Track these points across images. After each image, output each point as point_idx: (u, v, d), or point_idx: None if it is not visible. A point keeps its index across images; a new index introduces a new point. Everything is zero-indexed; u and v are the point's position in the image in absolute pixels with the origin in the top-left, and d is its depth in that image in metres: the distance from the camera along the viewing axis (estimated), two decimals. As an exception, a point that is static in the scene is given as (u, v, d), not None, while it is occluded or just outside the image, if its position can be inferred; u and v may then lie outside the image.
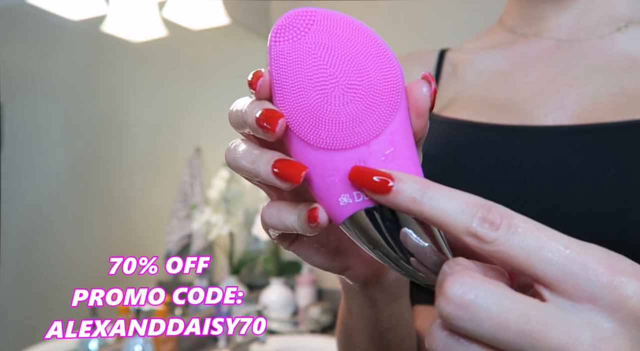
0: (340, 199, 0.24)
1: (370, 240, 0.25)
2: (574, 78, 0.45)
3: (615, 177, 0.37)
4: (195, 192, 1.68)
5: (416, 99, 0.24)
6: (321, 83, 0.24)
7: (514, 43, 0.51)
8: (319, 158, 0.24)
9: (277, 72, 0.24)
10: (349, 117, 0.24)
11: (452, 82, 0.51)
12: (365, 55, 0.24)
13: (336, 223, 0.25)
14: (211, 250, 1.74)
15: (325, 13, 0.25)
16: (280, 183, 0.24)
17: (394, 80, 0.24)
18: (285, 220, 0.26)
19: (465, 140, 0.44)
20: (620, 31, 0.46)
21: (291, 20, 0.24)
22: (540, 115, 0.43)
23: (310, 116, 0.24)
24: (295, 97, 0.24)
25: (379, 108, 0.24)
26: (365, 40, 0.24)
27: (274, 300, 1.70)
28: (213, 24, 1.71)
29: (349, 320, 0.41)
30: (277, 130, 0.24)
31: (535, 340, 0.17)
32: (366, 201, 0.24)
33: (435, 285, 0.21)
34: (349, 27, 0.24)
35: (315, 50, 0.24)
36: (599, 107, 0.42)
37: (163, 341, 1.29)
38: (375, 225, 0.24)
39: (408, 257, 0.25)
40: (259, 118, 0.24)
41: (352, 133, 0.24)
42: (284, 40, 0.24)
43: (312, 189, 0.25)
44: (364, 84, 0.24)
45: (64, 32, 1.30)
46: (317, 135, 0.24)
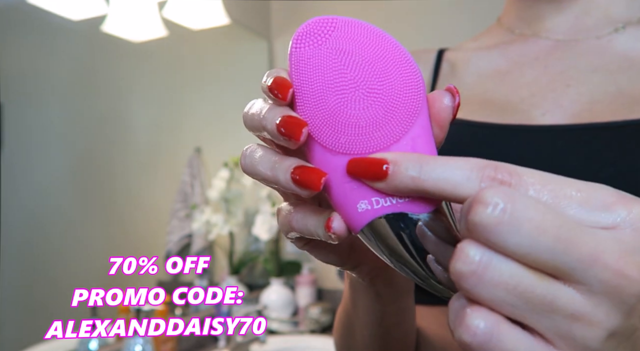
0: (358, 205, 0.24)
1: (389, 249, 0.24)
2: (571, 78, 0.45)
3: (613, 176, 0.37)
4: (195, 192, 1.68)
5: (438, 110, 0.24)
6: (341, 88, 0.24)
7: (512, 43, 0.51)
8: (338, 163, 0.24)
9: (297, 78, 0.24)
10: (369, 121, 0.24)
11: (450, 82, 0.51)
12: (386, 60, 0.24)
13: (354, 231, 0.25)
14: (211, 250, 1.74)
15: (345, 20, 0.25)
16: (300, 191, 0.24)
17: (414, 85, 0.24)
18: (311, 227, 0.25)
19: (462, 140, 0.44)
20: (618, 32, 0.46)
21: (312, 27, 0.24)
22: (538, 115, 0.44)
23: (330, 121, 0.24)
24: (315, 102, 0.24)
25: (399, 113, 0.24)
26: (385, 46, 0.24)
27: (274, 300, 1.71)
28: (213, 24, 1.71)
29: (353, 315, 0.42)
30: (301, 139, 0.23)
31: (570, 245, 0.17)
32: (385, 207, 0.24)
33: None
34: (370, 33, 0.24)
35: (336, 55, 0.24)
36: (597, 106, 0.42)
37: (163, 341, 1.29)
38: (395, 233, 0.24)
39: (424, 265, 0.24)
40: (279, 126, 0.23)
41: (372, 138, 0.24)
42: (305, 46, 0.24)
43: (330, 196, 0.25)
44: (384, 88, 0.24)
45: (64, 32, 1.30)
46: (337, 140, 0.24)
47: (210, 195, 1.67)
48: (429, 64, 0.54)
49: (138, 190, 1.51)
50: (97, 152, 1.39)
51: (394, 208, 0.24)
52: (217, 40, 1.83)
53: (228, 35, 1.86)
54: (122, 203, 1.45)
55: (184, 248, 1.66)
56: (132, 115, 1.52)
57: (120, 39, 1.44)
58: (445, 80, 0.52)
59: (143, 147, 1.55)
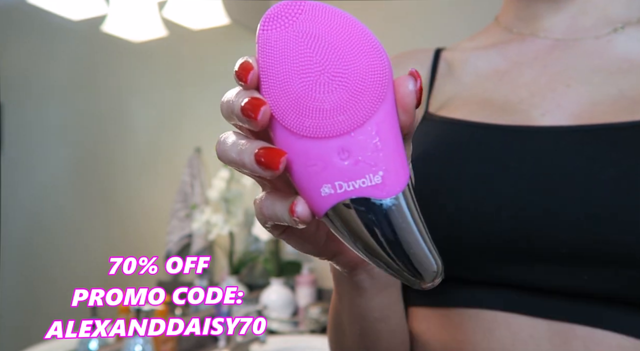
0: (322, 189, 0.24)
1: (354, 234, 0.25)
2: (571, 78, 0.45)
3: (615, 177, 0.36)
4: (195, 192, 1.68)
5: (402, 95, 0.24)
6: (306, 71, 0.24)
7: (510, 42, 0.51)
8: (302, 146, 0.24)
9: (263, 60, 0.24)
10: (333, 105, 0.24)
11: (448, 82, 0.51)
12: (352, 45, 0.24)
13: (318, 215, 0.25)
14: (211, 250, 1.74)
15: (314, 4, 0.25)
16: (263, 172, 0.24)
17: (380, 71, 0.24)
18: (278, 212, 0.25)
19: (463, 140, 0.43)
20: (617, 32, 0.46)
21: (280, 10, 0.24)
22: (537, 115, 0.43)
23: (295, 104, 0.24)
24: (280, 84, 0.24)
25: (363, 97, 0.24)
26: (353, 31, 0.24)
27: (274, 300, 1.71)
28: (213, 24, 1.71)
29: (341, 310, 0.42)
30: (259, 118, 0.24)
31: None
32: (348, 192, 0.24)
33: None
34: (337, 18, 0.24)
35: (302, 38, 0.24)
36: (597, 108, 0.41)
37: (163, 341, 1.29)
38: (358, 218, 0.24)
39: (390, 252, 0.24)
40: (243, 107, 0.24)
41: (336, 122, 0.24)
42: (272, 29, 0.24)
43: (294, 180, 0.25)
44: (349, 73, 0.24)
45: (64, 32, 1.30)
46: (301, 123, 0.24)
47: (210, 195, 1.67)
48: (427, 63, 0.53)
49: (138, 190, 1.51)
50: (97, 152, 1.39)
51: (357, 193, 0.24)
52: (217, 40, 1.83)
53: (228, 35, 1.86)
54: (122, 203, 1.45)
55: (184, 248, 1.66)
56: (132, 115, 1.52)
57: (120, 39, 1.44)
58: (443, 80, 0.51)
59: (143, 147, 1.55)
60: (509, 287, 0.40)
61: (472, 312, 0.41)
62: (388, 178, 0.24)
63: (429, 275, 0.25)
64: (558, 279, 0.38)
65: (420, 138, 0.45)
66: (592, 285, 0.37)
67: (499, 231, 0.39)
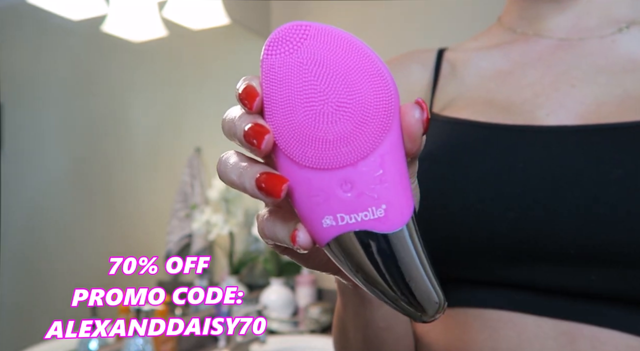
0: (323, 221, 0.24)
1: (353, 266, 0.24)
2: (575, 78, 0.45)
3: (622, 177, 0.36)
4: (195, 192, 1.68)
5: (408, 124, 0.23)
6: (310, 100, 0.23)
7: (513, 42, 0.51)
8: (305, 177, 0.24)
9: (267, 87, 0.24)
10: (337, 136, 0.23)
11: (451, 82, 0.51)
12: (359, 73, 0.23)
13: (319, 245, 0.24)
14: (211, 250, 1.74)
15: (320, 28, 0.24)
16: (264, 198, 0.23)
17: (386, 100, 0.23)
18: (279, 235, 0.25)
19: (468, 140, 0.43)
20: (621, 32, 0.46)
21: (285, 33, 0.24)
22: (542, 116, 0.43)
23: (298, 133, 0.23)
24: (283, 112, 0.23)
25: (368, 128, 0.23)
26: (359, 57, 0.23)
27: (274, 300, 1.70)
28: (213, 24, 1.70)
29: (345, 318, 0.42)
30: (262, 147, 0.23)
31: None
32: (350, 224, 0.23)
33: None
34: (344, 43, 0.23)
35: (306, 65, 0.23)
36: (603, 108, 0.41)
37: (163, 341, 1.29)
38: (359, 251, 0.24)
39: (392, 285, 0.24)
40: (246, 133, 0.23)
41: (340, 153, 0.23)
42: (276, 54, 0.23)
43: (296, 208, 0.24)
44: (354, 102, 0.23)
45: (64, 32, 1.30)
46: (304, 153, 0.23)
47: (210, 195, 1.67)
48: (430, 64, 0.53)
49: (138, 190, 1.51)
50: (97, 152, 1.39)
51: (359, 226, 0.23)
52: (217, 40, 1.83)
53: (228, 35, 1.86)
54: (122, 203, 1.45)
55: (184, 248, 1.66)
56: (132, 115, 1.52)
57: (120, 39, 1.44)
58: (446, 80, 0.51)
59: (143, 147, 1.55)
60: (514, 287, 0.40)
61: (477, 312, 0.41)
62: (391, 212, 0.23)
63: (432, 309, 0.25)
64: (564, 279, 0.38)
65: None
66: (599, 285, 0.37)
67: (505, 231, 0.39)
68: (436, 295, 0.24)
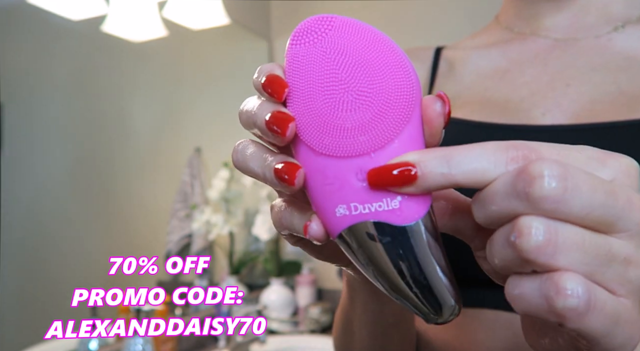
0: (337, 209, 0.23)
1: (364, 259, 0.23)
2: (571, 77, 0.45)
3: None
4: (195, 192, 1.68)
5: (430, 117, 0.23)
6: (331, 88, 0.23)
7: (510, 41, 0.51)
8: (320, 164, 0.23)
9: (290, 75, 0.24)
10: (356, 124, 0.23)
11: (448, 80, 0.51)
12: (381, 63, 0.23)
13: (332, 236, 0.24)
14: (211, 250, 1.74)
15: (344, 20, 0.24)
16: (282, 187, 0.23)
17: (407, 91, 0.23)
18: (296, 226, 0.25)
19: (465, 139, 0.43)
20: (617, 30, 0.46)
21: (310, 25, 0.24)
22: (538, 115, 0.43)
23: (316, 121, 0.23)
24: (303, 100, 0.23)
25: (387, 118, 0.23)
26: (382, 48, 0.23)
27: (274, 300, 1.71)
28: (213, 24, 1.71)
29: (352, 314, 0.41)
30: (287, 134, 0.23)
31: (614, 196, 0.19)
32: (364, 214, 0.23)
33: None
34: (367, 34, 0.24)
35: (329, 54, 0.23)
36: (597, 106, 0.41)
37: (163, 341, 1.29)
38: (370, 243, 0.23)
39: (405, 281, 0.23)
40: (269, 121, 0.23)
41: (357, 142, 0.23)
42: (300, 44, 0.24)
43: (311, 198, 0.24)
44: (375, 92, 0.23)
45: (64, 32, 1.30)
46: (321, 140, 0.23)
47: (210, 195, 1.67)
48: (427, 62, 0.53)
49: (138, 190, 1.51)
50: (97, 151, 1.39)
51: (372, 216, 0.23)
52: (217, 40, 1.83)
53: (228, 35, 1.86)
54: (122, 203, 1.45)
55: (184, 248, 1.66)
56: (132, 115, 1.52)
57: (120, 39, 1.44)
58: (443, 79, 0.51)
59: (143, 147, 1.55)
60: None
61: (475, 311, 0.41)
62: (406, 204, 0.22)
63: (447, 310, 0.23)
64: None
65: None
66: None
67: None
68: (451, 296, 0.23)
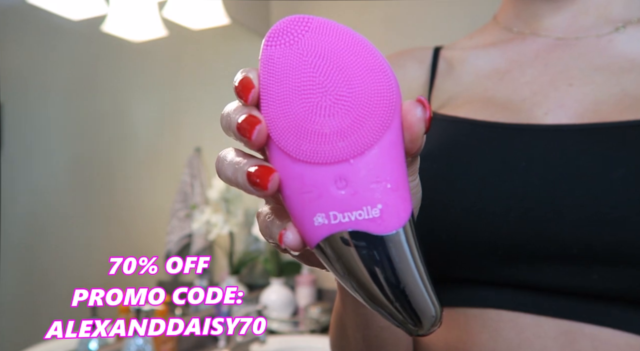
0: (315, 218, 0.22)
1: (344, 269, 0.23)
2: (573, 77, 0.44)
3: (625, 176, 0.36)
4: (195, 192, 1.68)
5: (410, 123, 0.22)
6: (308, 91, 0.22)
7: (510, 41, 0.51)
8: (298, 171, 0.22)
9: (264, 78, 0.23)
10: (334, 130, 0.22)
11: (448, 80, 0.51)
12: (360, 67, 0.22)
13: (309, 245, 0.23)
14: (211, 250, 1.74)
15: (322, 21, 0.23)
16: (255, 191, 0.23)
17: (387, 96, 0.22)
18: (274, 234, 0.24)
19: (468, 139, 0.43)
20: (618, 31, 0.46)
21: (286, 25, 0.23)
22: (540, 114, 0.43)
23: (293, 125, 0.22)
24: (279, 104, 0.22)
25: (367, 124, 0.22)
26: (361, 52, 0.23)
27: (274, 300, 1.70)
28: (213, 24, 1.70)
29: (345, 317, 0.41)
30: (253, 137, 0.22)
31: None
32: (343, 224, 0.22)
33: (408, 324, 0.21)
34: (345, 37, 0.23)
35: (306, 57, 0.22)
36: (601, 107, 0.41)
37: (163, 341, 1.29)
38: (350, 253, 0.22)
39: (385, 293, 0.22)
40: (239, 125, 0.22)
41: (335, 148, 0.22)
42: (276, 45, 0.23)
43: (288, 206, 0.23)
44: (354, 96, 0.22)
45: (64, 32, 1.30)
46: (298, 146, 0.22)
47: (210, 195, 1.67)
48: (426, 62, 0.53)
49: (138, 190, 1.51)
50: (97, 152, 1.39)
51: (352, 225, 0.22)
52: (217, 40, 1.83)
53: (228, 35, 1.86)
54: (122, 203, 1.45)
55: (184, 248, 1.66)
56: (132, 115, 1.52)
57: (120, 39, 1.44)
58: (443, 78, 0.51)
59: (143, 147, 1.55)
60: (515, 287, 0.39)
61: (477, 312, 0.41)
62: (387, 213, 0.22)
63: (428, 321, 0.23)
64: (566, 278, 0.37)
65: None
66: (601, 284, 0.36)
67: (507, 231, 0.38)
68: (433, 307, 0.23)
